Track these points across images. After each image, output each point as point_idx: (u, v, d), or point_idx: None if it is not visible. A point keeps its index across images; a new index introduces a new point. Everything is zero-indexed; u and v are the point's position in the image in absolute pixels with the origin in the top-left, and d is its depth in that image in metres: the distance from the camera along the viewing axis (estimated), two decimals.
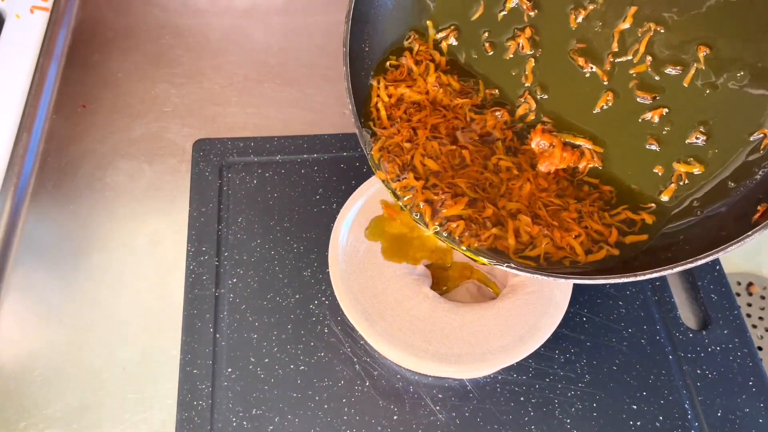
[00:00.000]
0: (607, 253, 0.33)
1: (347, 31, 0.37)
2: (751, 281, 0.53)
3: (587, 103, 0.36)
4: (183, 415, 0.39)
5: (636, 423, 0.40)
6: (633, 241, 0.34)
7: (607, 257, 0.33)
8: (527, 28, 0.38)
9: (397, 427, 0.39)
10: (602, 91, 0.36)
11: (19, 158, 0.49)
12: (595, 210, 0.35)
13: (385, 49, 0.40)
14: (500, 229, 0.34)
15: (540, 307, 0.38)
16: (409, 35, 0.40)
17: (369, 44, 0.39)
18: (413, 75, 0.39)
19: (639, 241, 0.34)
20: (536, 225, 0.34)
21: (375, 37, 0.39)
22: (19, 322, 0.43)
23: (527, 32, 0.38)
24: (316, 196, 0.48)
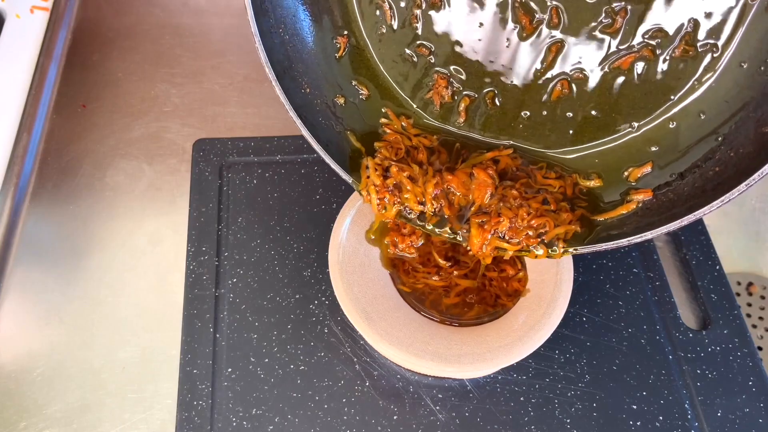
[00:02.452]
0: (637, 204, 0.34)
1: (279, 91, 0.34)
2: (751, 281, 0.53)
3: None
4: (183, 415, 0.39)
5: (636, 423, 0.40)
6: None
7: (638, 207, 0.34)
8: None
9: (397, 427, 0.39)
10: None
11: (19, 158, 0.49)
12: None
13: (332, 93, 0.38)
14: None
15: (540, 307, 0.38)
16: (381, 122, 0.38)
17: (308, 85, 0.37)
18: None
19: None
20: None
21: (311, 78, 0.37)
22: (19, 322, 0.43)
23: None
24: (316, 196, 0.48)
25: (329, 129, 0.36)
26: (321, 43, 0.36)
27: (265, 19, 0.33)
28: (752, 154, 0.29)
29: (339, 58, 0.36)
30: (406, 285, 0.40)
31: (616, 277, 0.45)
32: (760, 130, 0.29)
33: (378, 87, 0.38)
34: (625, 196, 0.34)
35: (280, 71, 0.33)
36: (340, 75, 0.37)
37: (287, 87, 0.34)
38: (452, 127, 0.38)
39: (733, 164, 0.30)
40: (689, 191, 0.32)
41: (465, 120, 0.37)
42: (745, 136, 0.29)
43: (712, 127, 0.31)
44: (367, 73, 0.37)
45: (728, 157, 0.30)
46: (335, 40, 0.36)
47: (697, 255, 0.47)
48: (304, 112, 0.35)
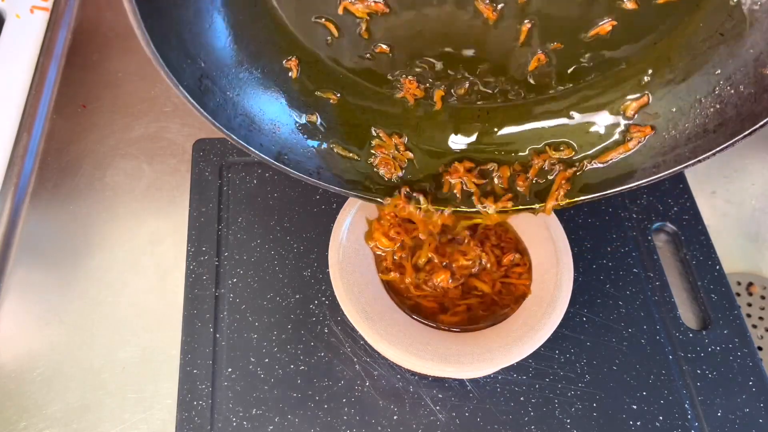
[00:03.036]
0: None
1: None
2: (751, 281, 0.53)
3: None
4: (183, 415, 0.39)
5: (636, 423, 0.40)
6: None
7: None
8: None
9: (397, 427, 0.39)
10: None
11: (19, 158, 0.49)
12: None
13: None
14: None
15: (540, 307, 0.38)
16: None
17: (277, 126, 0.35)
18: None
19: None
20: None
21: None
22: (19, 322, 0.43)
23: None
24: (316, 196, 0.48)
25: (313, 157, 0.36)
26: (273, 80, 0.34)
27: (211, 96, 0.32)
28: (753, 96, 0.28)
29: (295, 80, 0.35)
30: (400, 302, 0.40)
31: (616, 277, 0.45)
32: (759, 70, 0.28)
33: (344, 88, 0.36)
34: (624, 135, 0.33)
35: (246, 134, 0.33)
36: (302, 94, 0.36)
37: (260, 143, 0.33)
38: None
39: (733, 103, 0.29)
40: (691, 129, 0.31)
41: (442, 107, 0.37)
42: (745, 74, 0.29)
43: (709, 59, 0.30)
44: (328, 80, 0.36)
45: (728, 93, 0.29)
46: (286, 64, 0.34)
47: (697, 255, 0.47)
48: (285, 153, 0.34)
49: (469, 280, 0.40)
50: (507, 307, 0.39)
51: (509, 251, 0.40)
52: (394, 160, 0.37)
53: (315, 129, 0.36)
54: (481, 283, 0.40)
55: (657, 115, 0.33)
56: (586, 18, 0.31)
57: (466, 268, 0.40)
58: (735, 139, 0.28)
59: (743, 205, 0.55)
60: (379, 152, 0.37)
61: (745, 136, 0.28)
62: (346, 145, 0.37)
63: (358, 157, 0.37)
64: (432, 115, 0.37)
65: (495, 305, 0.39)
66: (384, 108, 0.37)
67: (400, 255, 0.40)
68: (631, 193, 0.49)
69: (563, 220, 0.41)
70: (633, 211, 0.48)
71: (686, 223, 0.48)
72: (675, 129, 0.32)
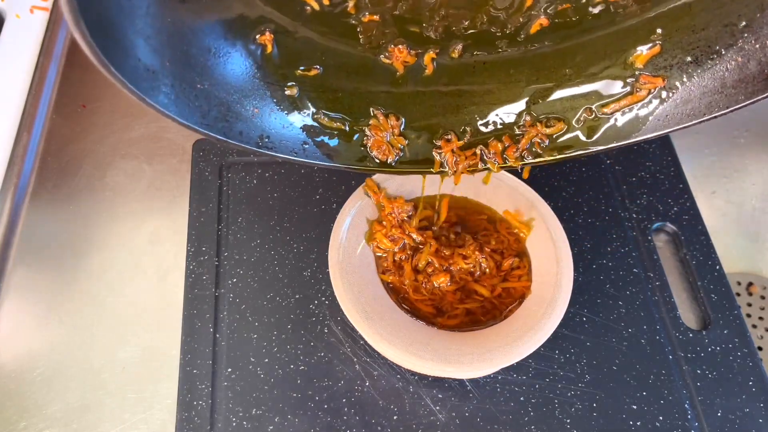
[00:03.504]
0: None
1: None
2: (751, 281, 0.53)
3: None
4: (183, 415, 0.39)
5: (636, 423, 0.40)
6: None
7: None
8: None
9: (397, 427, 0.39)
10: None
11: (19, 158, 0.49)
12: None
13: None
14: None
15: (540, 307, 0.38)
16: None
17: (255, 107, 0.33)
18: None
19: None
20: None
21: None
22: (19, 322, 0.43)
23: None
24: (316, 196, 0.48)
25: (296, 133, 0.34)
26: (245, 59, 0.32)
27: (181, 96, 0.29)
28: None
29: (269, 54, 0.32)
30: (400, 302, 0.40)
31: (616, 277, 0.45)
32: None
33: (325, 60, 0.34)
34: (634, 86, 0.31)
35: (224, 126, 0.31)
36: (279, 68, 0.33)
37: (239, 131, 0.31)
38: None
39: (757, 58, 0.27)
40: (707, 83, 0.29)
41: (432, 72, 0.34)
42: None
43: (735, 8, 0.27)
44: (307, 50, 0.33)
45: (753, 48, 0.27)
46: (259, 39, 0.32)
47: (697, 255, 0.47)
48: (267, 135, 0.33)
49: (468, 285, 0.40)
50: (507, 309, 0.39)
51: (509, 256, 0.40)
52: (389, 144, 0.36)
53: (295, 102, 0.34)
54: (481, 288, 0.40)
55: (669, 67, 0.30)
56: None
57: (466, 271, 0.40)
58: (757, 98, 0.26)
59: (743, 205, 0.55)
60: (374, 133, 0.36)
61: (766, 97, 0.26)
62: (332, 114, 0.35)
63: (344, 126, 0.35)
64: (424, 81, 0.35)
65: (495, 309, 0.39)
66: (370, 78, 0.35)
67: (401, 256, 0.40)
68: (631, 192, 0.49)
69: (563, 220, 0.41)
70: (633, 211, 0.49)
71: (686, 223, 0.48)
72: (690, 80, 0.29)
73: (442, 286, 0.39)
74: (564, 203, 0.48)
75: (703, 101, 0.29)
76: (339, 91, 0.35)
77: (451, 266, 0.40)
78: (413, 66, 0.34)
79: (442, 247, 0.40)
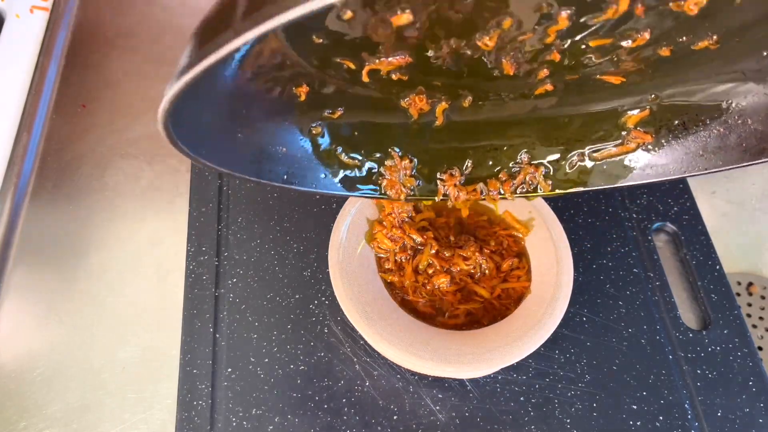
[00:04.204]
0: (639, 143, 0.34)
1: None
2: (751, 281, 0.53)
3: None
4: (183, 415, 0.39)
5: (636, 423, 0.40)
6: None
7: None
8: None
9: (397, 427, 0.39)
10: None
11: (19, 158, 0.49)
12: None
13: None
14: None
15: (540, 307, 0.38)
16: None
17: (282, 145, 0.34)
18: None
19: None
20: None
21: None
22: (19, 322, 0.43)
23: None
24: (316, 196, 0.48)
25: (317, 169, 0.36)
26: (281, 108, 0.34)
27: (226, 150, 0.31)
28: (760, 133, 0.29)
29: (302, 102, 0.34)
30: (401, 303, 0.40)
31: (616, 277, 0.45)
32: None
33: (348, 105, 0.36)
34: (626, 137, 0.34)
35: (257, 168, 0.32)
36: (309, 110, 0.35)
37: (269, 170, 0.33)
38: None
39: (737, 132, 0.30)
40: (690, 145, 0.32)
41: (442, 122, 0.37)
42: (757, 111, 0.29)
43: (727, 91, 0.30)
44: (334, 98, 0.35)
45: (735, 123, 0.30)
46: (296, 90, 0.33)
47: (697, 255, 0.47)
48: (293, 176, 0.35)
49: (468, 286, 0.40)
50: (507, 309, 0.39)
51: (508, 257, 0.40)
52: (401, 183, 0.38)
53: (320, 139, 0.36)
54: (481, 289, 0.40)
55: (659, 127, 0.33)
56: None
57: (467, 272, 0.40)
58: (730, 166, 0.29)
59: (743, 205, 0.55)
60: (389, 173, 0.38)
61: (741, 167, 0.28)
62: (350, 153, 0.37)
63: (360, 165, 0.37)
64: (434, 131, 0.38)
65: (495, 310, 0.39)
66: (388, 117, 0.37)
67: (401, 257, 0.40)
68: (631, 192, 0.49)
69: (563, 220, 0.41)
70: (633, 211, 0.49)
71: (686, 223, 0.48)
72: (676, 141, 0.32)
73: (442, 287, 0.39)
74: (564, 203, 0.48)
75: (684, 161, 0.32)
76: (357, 129, 0.37)
77: (451, 267, 0.40)
78: (426, 114, 0.37)
79: (443, 248, 0.40)
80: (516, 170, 0.38)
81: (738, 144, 0.29)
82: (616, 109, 0.34)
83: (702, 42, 0.29)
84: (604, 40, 0.30)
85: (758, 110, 0.29)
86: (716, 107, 0.31)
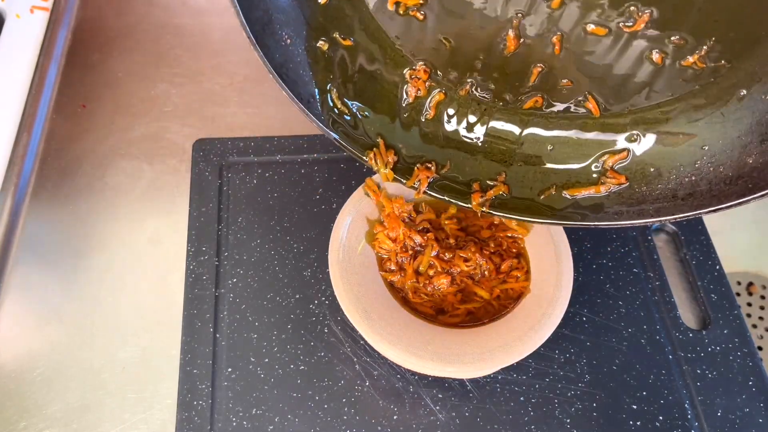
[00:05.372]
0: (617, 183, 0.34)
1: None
2: (751, 281, 0.53)
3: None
4: (183, 415, 0.39)
5: (636, 423, 0.40)
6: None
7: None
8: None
9: (397, 427, 0.39)
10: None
11: (19, 158, 0.49)
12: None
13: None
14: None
15: (540, 307, 0.38)
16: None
17: (288, 36, 0.35)
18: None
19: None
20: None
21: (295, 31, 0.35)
22: (19, 322, 0.43)
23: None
24: (316, 196, 0.48)
25: (310, 84, 0.36)
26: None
27: None
28: (729, 178, 0.29)
29: (322, 5, 0.35)
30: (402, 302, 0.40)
31: (616, 277, 0.45)
32: (744, 158, 0.29)
33: (358, 38, 0.36)
34: (600, 176, 0.34)
35: (260, 29, 0.32)
36: (323, 20, 0.35)
37: (267, 45, 0.33)
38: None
39: (708, 180, 0.30)
40: (662, 191, 0.32)
41: (434, 115, 0.38)
42: (729, 157, 0.30)
43: (702, 135, 0.31)
44: (351, 20, 0.36)
45: (708, 169, 0.31)
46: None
47: (697, 255, 0.47)
48: (285, 70, 0.34)
49: (469, 287, 0.40)
50: (506, 308, 0.39)
51: (508, 258, 0.41)
52: (384, 160, 0.38)
53: (321, 58, 0.36)
54: (481, 290, 0.40)
55: (633, 171, 0.34)
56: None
57: (467, 274, 0.40)
58: (699, 211, 0.29)
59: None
60: (372, 154, 0.38)
61: (709, 212, 0.29)
62: (342, 95, 0.37)
63: (348, 115, 0.37)
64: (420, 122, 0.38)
65: (495, 310, 0.39)
66: (381, 77, 0.37)
67: (402, 257, 0.40)
68: None
69: None
70: None
71: (686, 223, 0.48)
72: (648, 186, 0.33)
73: (442, 288, 0.39)
74: None
75: (653, 205, 0.32)
76: (359, 72, 0.37)
77: (452, 268, 0.40)
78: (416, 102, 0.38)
79: (443, 249, 0.40)
80: (490, 186, 0.38)
81: (708, 190, 0.30)
82: (599, 151, 0.35)
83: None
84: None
85: (731, 154, 0.30)
86: (691, 153, 0.31)
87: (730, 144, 0.30)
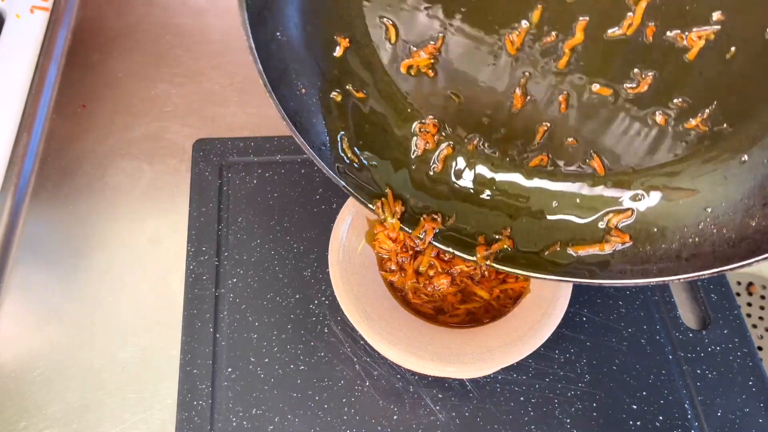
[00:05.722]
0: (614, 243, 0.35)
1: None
2: (751, 281, 0.53)
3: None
4: (183, 415, 0.39)
5: (636, 423, 0.40)
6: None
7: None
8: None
9: (397, 427, 0.39)
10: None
11: (19, 158, 0.49)
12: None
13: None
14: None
15: (540, 307, 0.38)
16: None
17: (304, 86, 0.36)
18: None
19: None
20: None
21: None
22: (19, 322, 0.43)
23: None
24: (316, 196, 0.48)
25: (322, 134, 0.36)
26: (318, 44, 0.35)
27: (263, 28, 0.32)
28: (732, 241, 0.29)
29: (336, 58, 0.36)
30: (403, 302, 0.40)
31: None
32: (746, 220, 0.29)
33: (372, 91, 0.37)
34: (605, 234, 0.35)
35: (276, 77, 0.33)
36: (337, 73, 0.36)
37: (282, 94, 0.34)
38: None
39: (712, 242, 0.30)
40: (665, 251, 0.32)
41: (442, 169, 0.38)
42: (732, 219, 0.30)
43: (707, 197, 0.31)
44: (365, 73, 0.36)
45: (711, 231, 0.31)
46: (337, 38, 0.35)
47: None
48: (299, 118, 0.35)
49: (468, 287, 0.40)
50: (506, 308, 0.39)
51: None
52: (392, 211, 0.39)
53: (334, 108, 0.36)
54: (480, 290, 0.40)
55: (638, 230, 0.34)
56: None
57: (467, 274, 0.40)
58: (702, 272, 0.29)
59: None
60: (380, 203, 0.38)
61: (712, 273, 0.29)
62: (353, 145, 0.37)
63: (357, 165, 0.38)
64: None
65: (494, 310, 0.39)
66: (391, 129, 0.38)
67: (403, 258, 0.40)
68: None
69: None
70: None
71: None
72: (652, 245, 0.33)
73: (442, 288, 0.39)
74: None
75: (657, 265, 0.32)
76: (369, 123, 0.38)
77: (452, 268, 0.40)
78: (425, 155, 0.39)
79: None
80: (496, 239, 0.38)
81: (712, 251, 0.30)
82: (604, 209, 0.35)
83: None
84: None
85: (734, 216, 0.30)
86: (695, 215, 0.32)
87: (733, 206, 0.30)
